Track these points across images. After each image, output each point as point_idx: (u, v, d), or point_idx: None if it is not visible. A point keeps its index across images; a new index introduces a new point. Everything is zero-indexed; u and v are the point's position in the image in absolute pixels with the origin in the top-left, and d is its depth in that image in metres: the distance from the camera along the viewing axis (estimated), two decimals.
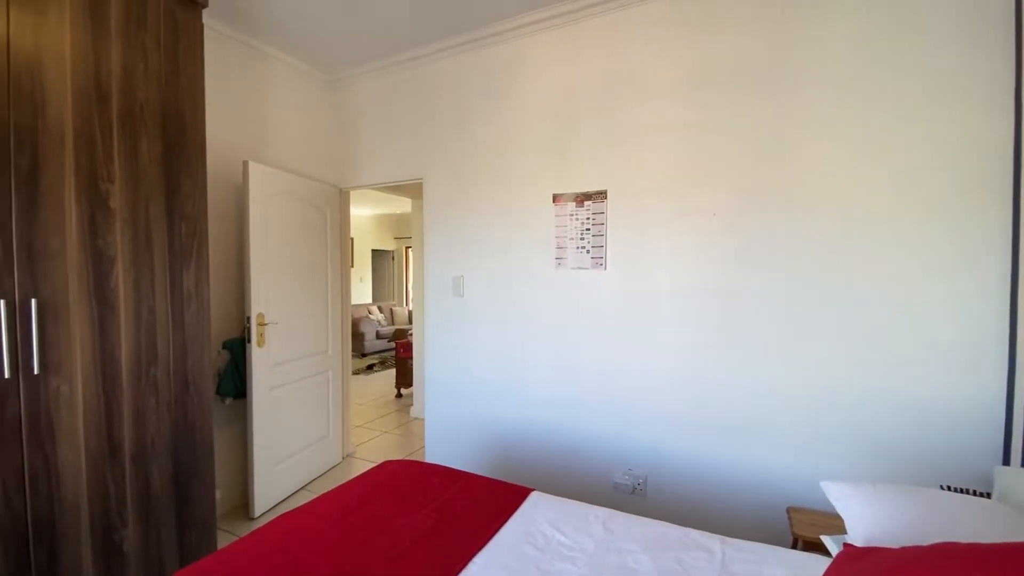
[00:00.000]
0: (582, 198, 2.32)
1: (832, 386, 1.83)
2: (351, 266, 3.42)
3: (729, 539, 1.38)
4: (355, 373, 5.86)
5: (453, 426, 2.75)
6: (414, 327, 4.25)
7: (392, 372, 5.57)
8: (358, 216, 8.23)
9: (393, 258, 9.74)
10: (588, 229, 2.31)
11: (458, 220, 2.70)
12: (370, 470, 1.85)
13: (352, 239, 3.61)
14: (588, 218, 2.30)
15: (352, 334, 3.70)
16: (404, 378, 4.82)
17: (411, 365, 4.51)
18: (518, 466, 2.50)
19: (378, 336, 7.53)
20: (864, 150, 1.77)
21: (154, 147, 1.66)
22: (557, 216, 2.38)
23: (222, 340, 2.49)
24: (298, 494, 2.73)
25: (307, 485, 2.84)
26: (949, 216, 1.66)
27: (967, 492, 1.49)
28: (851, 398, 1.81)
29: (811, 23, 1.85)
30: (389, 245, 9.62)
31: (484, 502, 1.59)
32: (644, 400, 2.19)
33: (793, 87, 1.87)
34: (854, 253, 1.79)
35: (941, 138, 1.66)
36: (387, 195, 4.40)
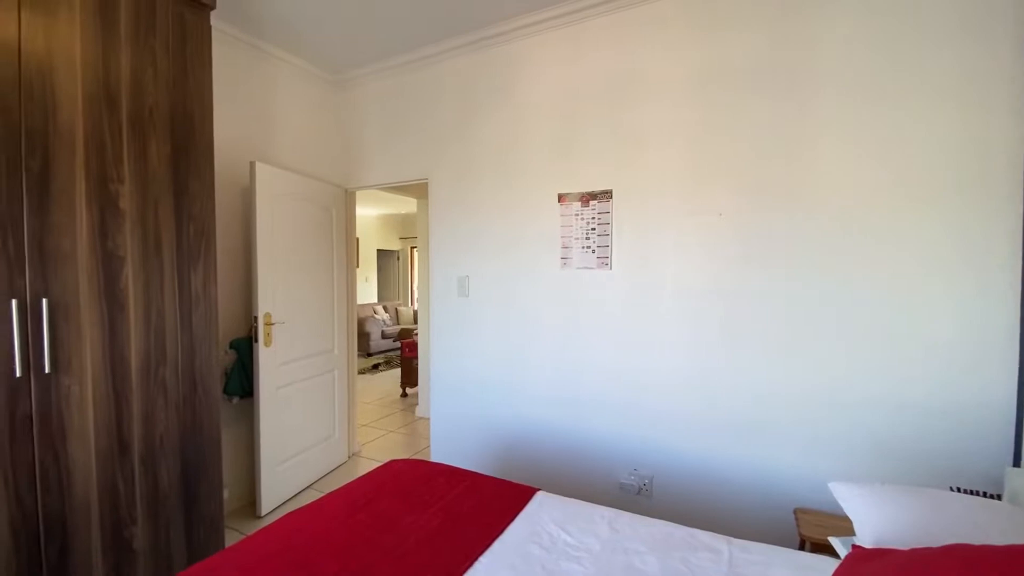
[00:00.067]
0: (587, 198, 2.31)
1: (838, 386, 1.82)
2: (356, 266, 3.43)
3: (736, 540, 1.37)
4: (360, 372, 5.88)
5: (458, 425, 2.76)
6: (419, 327, 4.26)
7: (397, 371, 5.59)
8: (363, 216, 8.26)
9: (398, 258, 9.77)
10: (593, 229, 2.30)
11: (463, 220, 2.70)
12: (376, 469, 1.86)
13: (357, 239, 3.62)
14: (593, 218, 2.30)
15: (358, 334, 3.71)
16: (409, 377, 4.83)
17: (416, 364, 4.53)
18: (523, 466, 2.50)
19: (383, 336, 7.55)
20: (869, 149, 1.76)
21: (163, 149, 1.67)
22: (562, 216, 2.38)
23: (229, 340, 2.51)
24: (304, 493, 2.74)
25: (313, 484, 2.85)
26: (954, 215, 1.65)
27: (977, 494, 1.47)
28: (858, 398, 1.79)
29: (814, 22, 1.84)
30: (394, 245, 9.64)
31: (490, 502, 1.59)
32: (650, 400, 2.19)
33: (798, 86, 1.86)
34: (859, 253, 1.78)
35: (945, 137, 1.65)
36: (392, 195, 4.41)
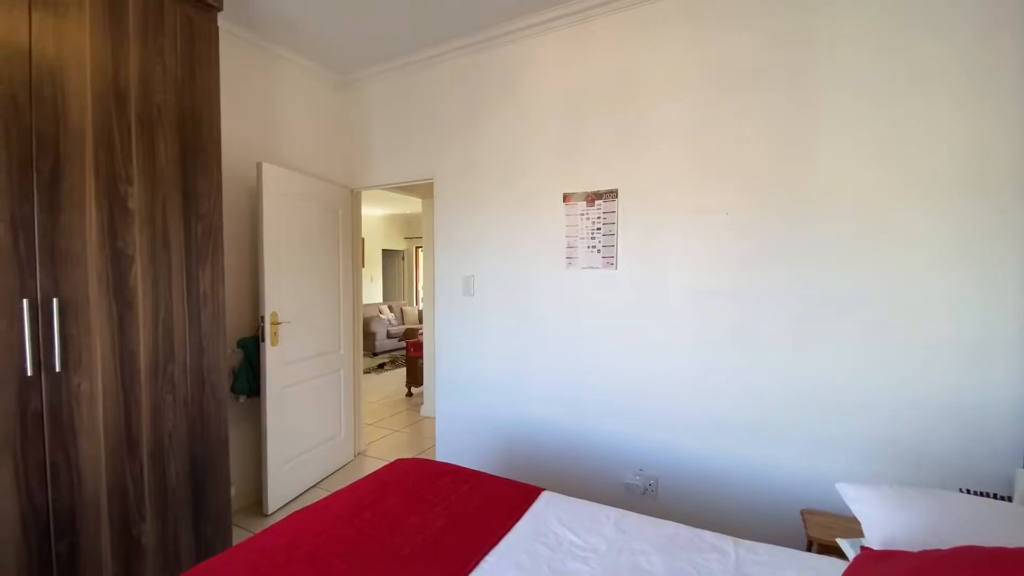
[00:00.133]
0: (593, 197, 2.31)
1: (844, 386, 1.81)
2: (362, 266, 3.44)
3: (742, 541, 1.37)
4: (366, 372, 5.90)
5: (463, 425, 2.76)
6: (424, 326, 4.27)
7: (402, 371, 5.61)
8: (369, 216, 8.28)
9: (403, 258, 9.79)
10: (599, 228, 2.30)
11: (468, 220, 2.71)
12: (382, 468, 1.86)
13: (363, 239, 3.63)
14: (599, 217, 2.29)
15: (363, 333, 3.73)
16: (414, 377, 4.84)
17: (421, 364, 4.54)
18: (528, 465, 2.50)
19: (388, 335, 7.57)
20: (874, 148, 1.74)
21: (171, 149, 1.68)
22: (568, 215, 2.38)
23: (236, 339, 2.52)
24: (310, 491, 2.76)
25: (319, 483, 2.87)
26: (962, 215, 1.63)
27: (987, 495, 1.46)
28: (865, 398, 1.78)
29: (820, 21, 1.82)
30: (399, 245, 9.67)
31: (495, 501, 1.59)
32: (655, 400, 2.18)
33: (803, 85, 1.85)
34: (865, 252, 1.76)
35: (949, 137, 1.64)
36: (397, 195, 4.42)
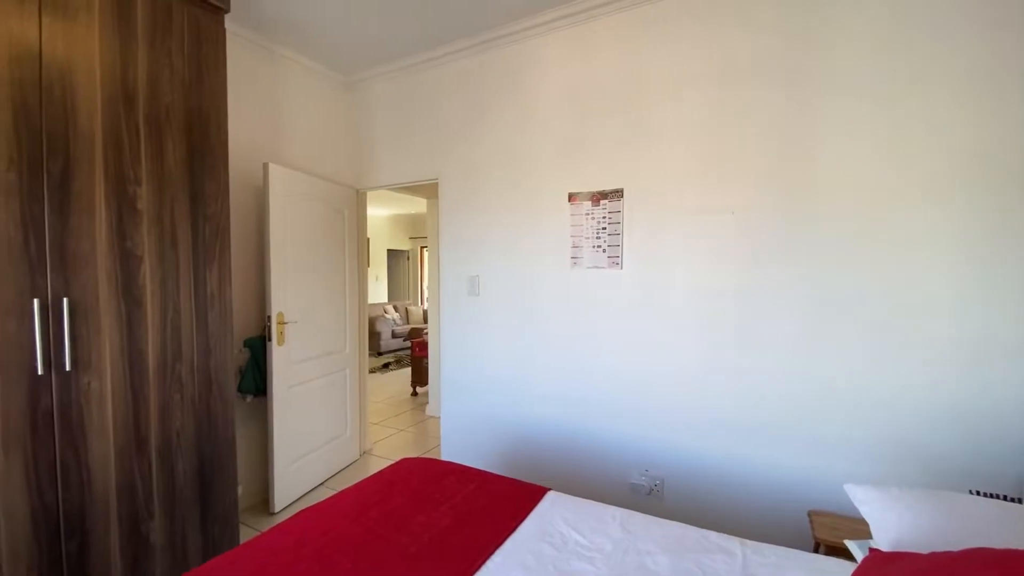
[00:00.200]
0: (598, 197, 2.30)
1: (851, 386, 1.80)
2: (367, 266, 3.46)
3: (749, 542, 1.36)
4: (371, 371, 5.93)
5: (468, 424, 2.77)
6: (429, 326, 4.27)
7: (407, 371, 5.62)
8: (374, 216, 8.31)
9: (408, 258, 9.82)
10: (604, 228, 2.29)
11: (473, 219, 2.71)
12: (388, 468, 1.87)
13: (368, 239, 3.64)
14: (604, 217, 2.29)
15: (368, 333, 3.74)
16: (419, 376, 4.86)
17: (426, 364, 4.54)
18: (533, 465, 2.50)
19: (393, 335, 7.60)
20: (878, 149, 1.73)
21: (179, 150, 1.70)
22: (573, 215, 2.37)
23: (243, 338, 2.54)
24: (317, 490, 2.77)
25: (325, 481, 2.88)
26: (968, 214, 1.62)
27: (997, 497, 1.44)
28: (872, 399, 1.77)
29: (821, 21, 1.81)
30: (404, 245, 9.69)
31: (501, 501, 1.59)
32: (661, 400, 2.17)
33: (807, 85, 1.84)
34: (871, 252, 1.75)
35: (952, 137, 1.63)
36: (402, 195, 4.44)
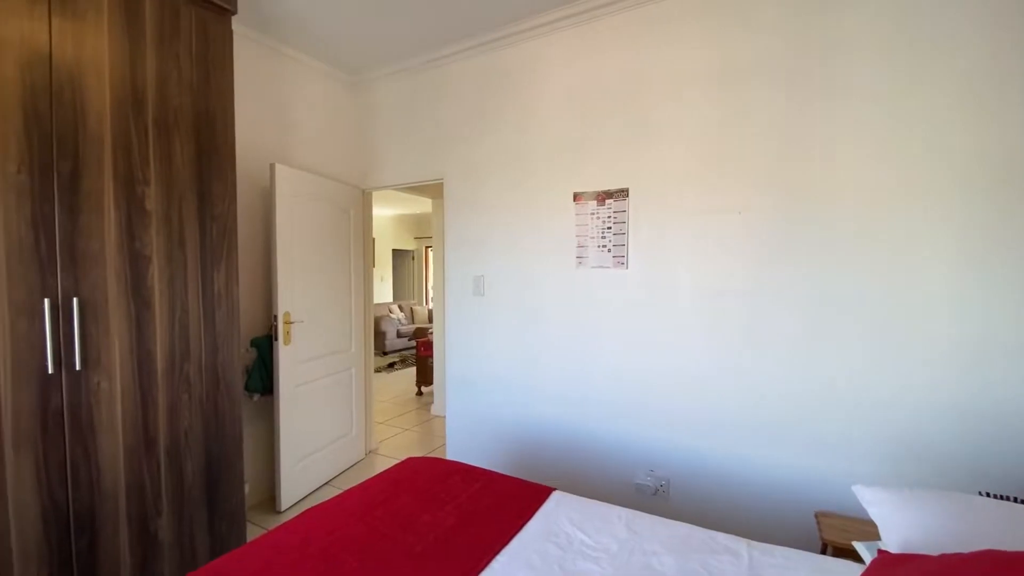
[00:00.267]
0: (603, 196, 2.30)
1: (858, 387, 1.78)
2: (373, 266, 3.47)
3: (756, 543, 1.35)
4: (376, 371, 5.95)
5: (473, 424, 2.77)
6: (434, 326, 4.28)
7: (412, 370, 5.63)
8: (379, 216, 8.34)
9: (413, 258, 9.84)
10: (609, 228, 2.29)
11: (478, 219, 2.71)
12: (393, 467, 1.87)
13: (373, 239, 3.66)
14: (609, 216, 2.28)
15: (374, 333, 3.75)
16: (424, 376, 4.87)
17: (431, 363, 4.55)
18: (539, 465, 2.50)
19: (399, 335, 7.62)
20: (880, 149, 1.72)
21: (187, 151, 1.71)
22: (578, 215, 2.37)
23: (250, 338, 2.55)
24: (322, 489, 2.78)
25: (331, 480, 2.89)
26: (973, 214, 1.61)
27: (1007, 499, 1.43)
28: (878, 399, 1.75)
29: (825, 21, 1.80)
30: (409, 245, 9.72)
31: (506, 500, 1.60)
32: (667, 400, 2.16)
33: (811, 85, 1.83)
34: (878, 253, 1.74)
35: (951, 137, 1.62)
36: (407, 195, 4.45)
